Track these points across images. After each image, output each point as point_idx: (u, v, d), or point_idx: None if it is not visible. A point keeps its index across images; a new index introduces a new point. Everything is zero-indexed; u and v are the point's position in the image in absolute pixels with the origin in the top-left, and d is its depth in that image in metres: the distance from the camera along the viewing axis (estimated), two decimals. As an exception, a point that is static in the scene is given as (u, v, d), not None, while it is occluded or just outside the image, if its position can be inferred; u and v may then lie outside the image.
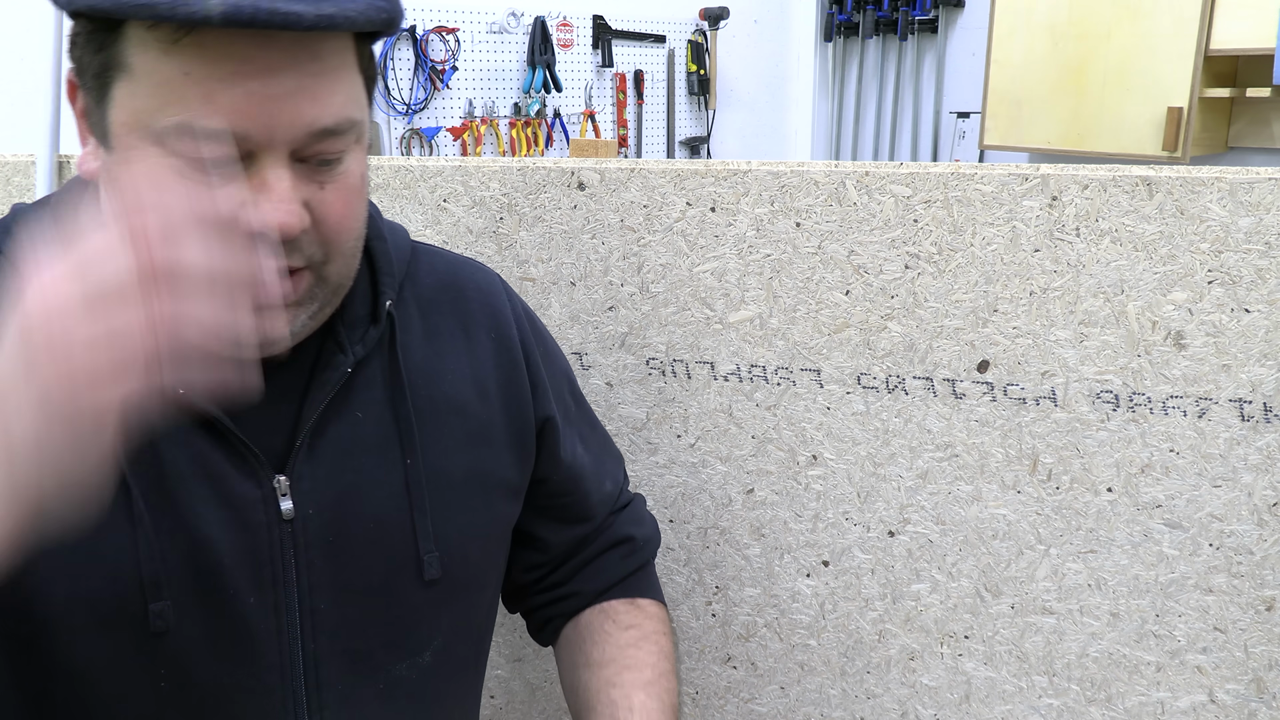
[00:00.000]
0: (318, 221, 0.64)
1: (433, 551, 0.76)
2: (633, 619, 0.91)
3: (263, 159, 0.61)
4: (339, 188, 0.65)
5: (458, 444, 0.79)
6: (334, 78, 0.63)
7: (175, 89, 0.59)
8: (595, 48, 3.97)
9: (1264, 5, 2.92)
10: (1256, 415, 0.88)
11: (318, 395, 0.72)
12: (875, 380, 0.98)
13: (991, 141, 3.62)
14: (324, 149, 0.63)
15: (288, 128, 0.61)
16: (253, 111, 0.59)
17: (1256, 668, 0.92)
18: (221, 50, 0.58)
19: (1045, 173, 0.89)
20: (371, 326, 0.75)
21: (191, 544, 0.68)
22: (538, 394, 0.85)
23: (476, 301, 0.84)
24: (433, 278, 0.82)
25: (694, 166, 0.99)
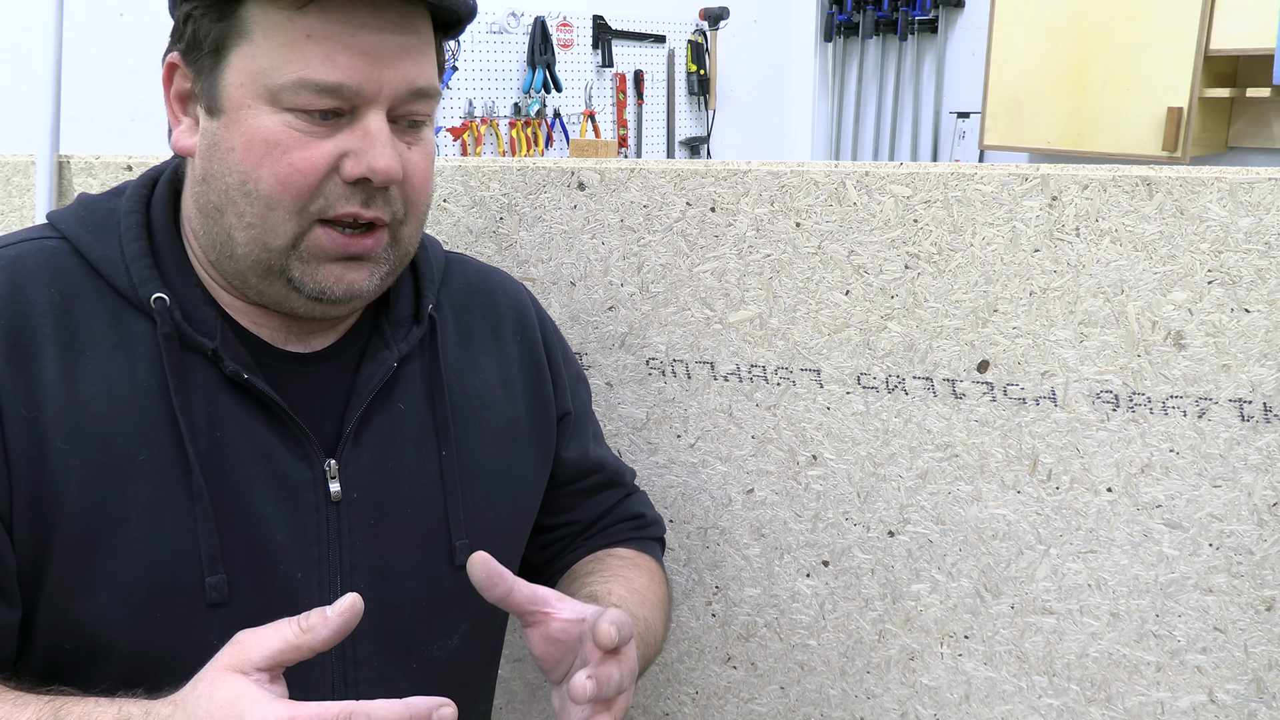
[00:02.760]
0: (405, 177, 0.71)
1: (463, 538, 0.81)
2: (634, 559, 0.92)
3: (365, 113, 0.69)
4: (422, 151, 0.73)
5: (488, 438, 0.84)
6: (426, 49, 0.72)
7: (297, 49, 0.67)
8: (595, 48, 3.97)
9: (1264, 5, 2.92)
10: (1256, 415, 0.88)
11: (365, 387, 0.78)
12: (875, 380, 0.98)
13: (991, 141, 3.62)
14: (415, 110, 0.72)
15: (392, 83, 0.69)
16: (365, 68, 0.68)
17: (1256, 668, 0.92)
18: (340, 16, 0.67)
19: (1045, 173, 0.89)
20: (414, 326, 0.81)
21: (247, 521, 0.72)
22: (558, 392, 0.91)
23: (504, 306, 0.90)
24: (464, 284, 0.88)
25: (694, 166, 0.99)
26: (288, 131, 0.68)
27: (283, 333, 0.76)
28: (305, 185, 0.68)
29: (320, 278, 0.71)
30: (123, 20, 2.78)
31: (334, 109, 0.68)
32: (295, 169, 0.68)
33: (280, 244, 0.69)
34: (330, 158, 0.68)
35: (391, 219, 0.72)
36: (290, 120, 0.68)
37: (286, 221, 0.69)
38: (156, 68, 0.75)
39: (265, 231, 0.69)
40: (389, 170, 0.69)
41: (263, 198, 0.68)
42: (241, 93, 0.68)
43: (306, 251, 0.70)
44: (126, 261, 0.72)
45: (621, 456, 1.09)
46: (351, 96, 0.68)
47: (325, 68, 0.67)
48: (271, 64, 0.67)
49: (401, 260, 0.76)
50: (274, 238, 0.69)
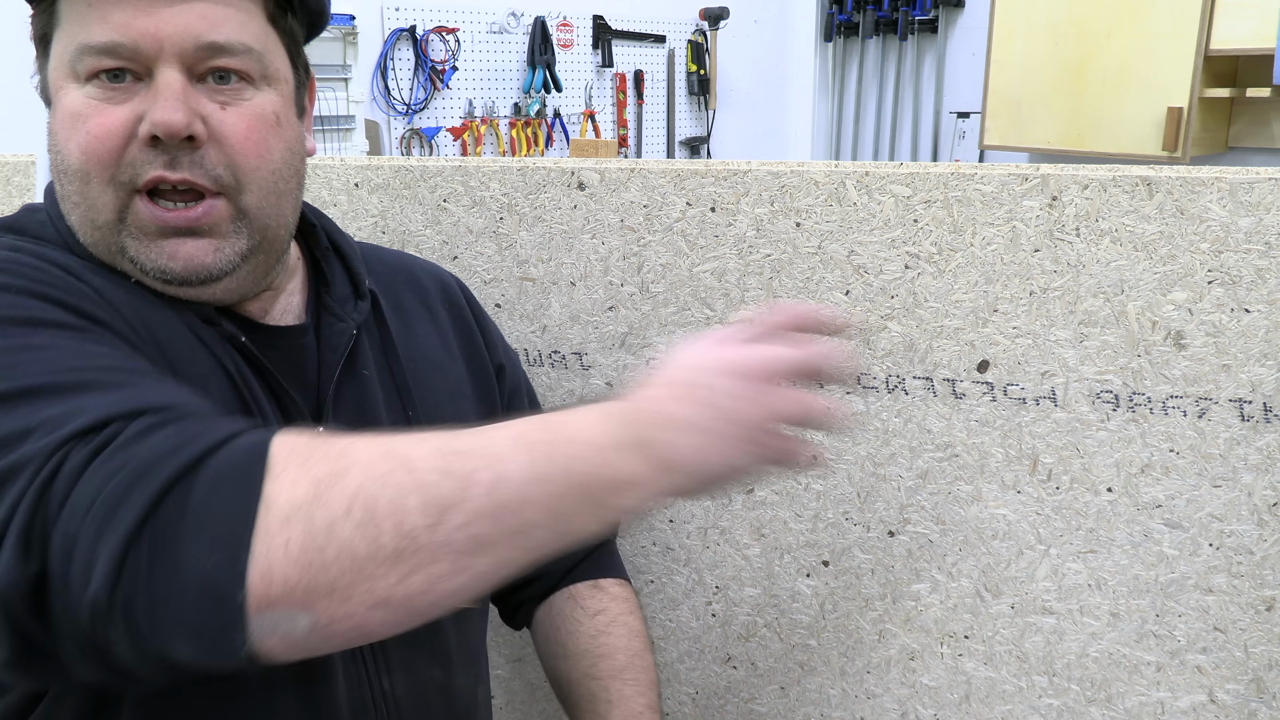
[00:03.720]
0: (218, 138, 0.69)
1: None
2: (599, 603, 0.97)
3: (157, 70, 0.68)
4: (243, 113, 0.70)
5: (443, 397, 0.88)
6: (225, 4, 0.69)
7: (82, 20, 0.67)
8: (595, 48, 3.97)
9: (1264, 5, 2.92)
10: (1256, 415, 0.88)
11: (331, 356, 0.80)
12: (875, 380, 0.98)
13: (991, 141, 3.62)
14: (217, 63, 0.69)
15: (174, 37, 0.67)
16: (139, 23, 0.67)
17: (1256, 668, 0.92)
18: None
19: (1045, 173, 0.89)
20: (358, 302, 0.83)
21: None
22: (490, 344, 0.96)
23: (426, 279, 0.94)
24: (385, 267, 0.91)
25: (694, 166, 0.99)
26: (87, 102, 0.67)
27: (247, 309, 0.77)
28: (106, 152, 0.67)
29: (155, 254, 0.69)
30: (123, 20, 2.78)
31: (122, 69, 0.67)
32: (93, 136, 0.67)
33: (105, 219, 0.68)
34: (126, 121, 0.67)
35: (215, 184, 0.69)
36: (89, 91, 0.68)
37: (102, 193, 0.68)
38: None
39: (88, 209, 0.69)
40: (168, 122, 0.66)
41: (75, 173, 0.68)
42: (56, 77, 0.69)
43: (134, 227, 0.69)
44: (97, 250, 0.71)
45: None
46: (132, 54, 0.67)
47: (100, 29, 0.67)
48: (68, 39, 0.68)
49: (263, 234, 0.73)
50: (96, 213, 0.69)
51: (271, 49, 0.73)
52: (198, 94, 0.69)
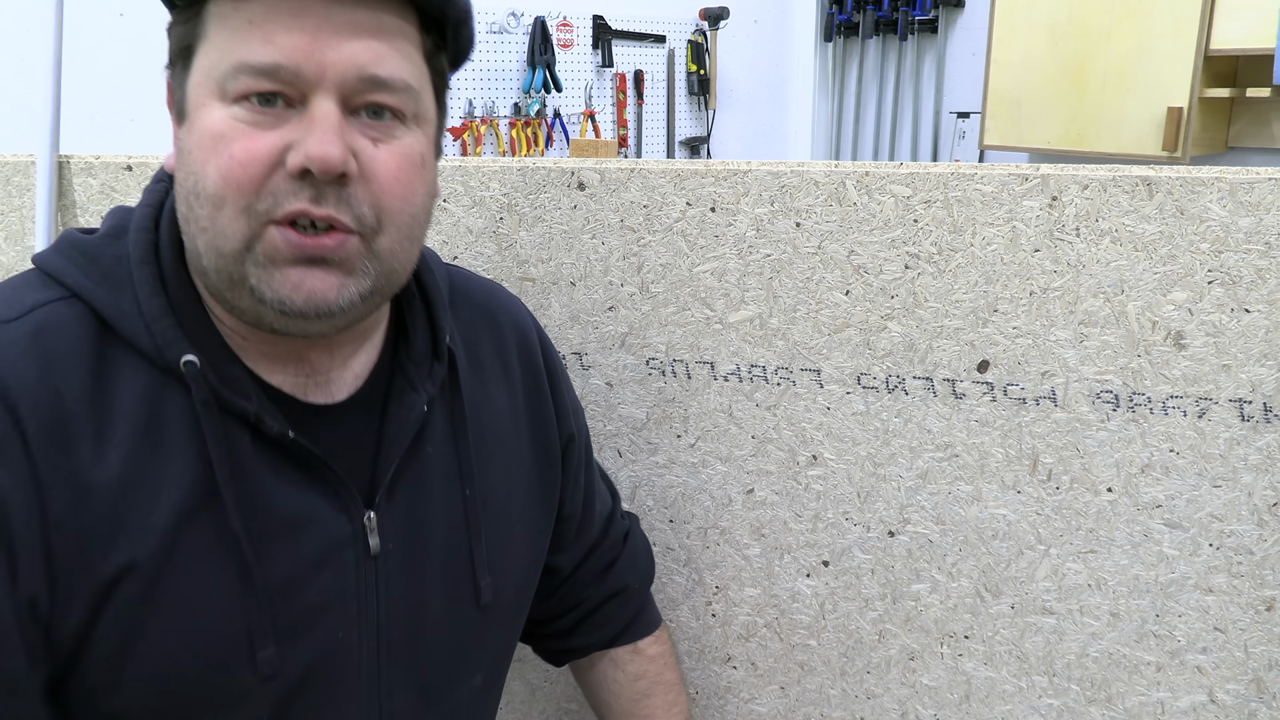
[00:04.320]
0: (368, 176, 0.65)
1: (487, 577, 0.80)
2: (639, 667, 1.00)
3: (313, 98, 0.63)
4: (394, 151, 0.66)
5: (502, 474, 0.83)
6: (390, 38, 0.66)
7: (240, 35, 0.63)
8: (595, 48, 3.97)
9: (1264, 5, 2.92)
10: (1256, 415, 0.88)
11: (398, 434, 0.74)
12: (875, 380, 0.98)
13: (991, 141, 3.62)
14: (375, 99, 0.65)
15: (338, 66, 0.63)
16: (306, 48, 0.62)
17: (1256, 668, 0.92)
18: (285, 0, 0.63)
19: (1045, 173, 0.89)
20: (435, 363, 0.77)
21: (290, 588, 0.69)
22: (561, 417, 0.90)
23: (508, 326, 0.87)
24: (469, 305, 0.85)
25: (694, 166, 0.99)
26: (232, 124, 0.63)
27: (302, 381, 0.72)
28: (247, 179, 0.62)
29: (277, 284, 0.64)
30: (123, 20, 2.78)
31: (276, 93, 0.63)
32: (236, 161, 0.62)
33: (232, 247, 0.63)
34: (274, 149, 0.63)
35: (357, 223, 0.64)
36: (236, 112, 0.63)
37: (234, 221, 0.63)
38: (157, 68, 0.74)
39: (216, 235, 0.63)
40: (327, 157, 0.62)
41: (210, 197, 0.63)
42: (198, 92, 0.65)
43: (262, 255, 0.63)
44: (147, 321, 0.66)
45: (621, 456, 1.09)
46: (292, 79, 0.62)
47: (263, 49, 0.62)
48: (219, 55, 0.63)
49: (387, 278, 0.68)
50: (224, 241, 0.63)
51: (424, 87, 0.69)
52: (350, 127, 0.64)
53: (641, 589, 1.02)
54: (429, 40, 0.70)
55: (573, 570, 0.96)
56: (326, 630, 0.71)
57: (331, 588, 0.71)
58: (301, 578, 0.70)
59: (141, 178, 1.11)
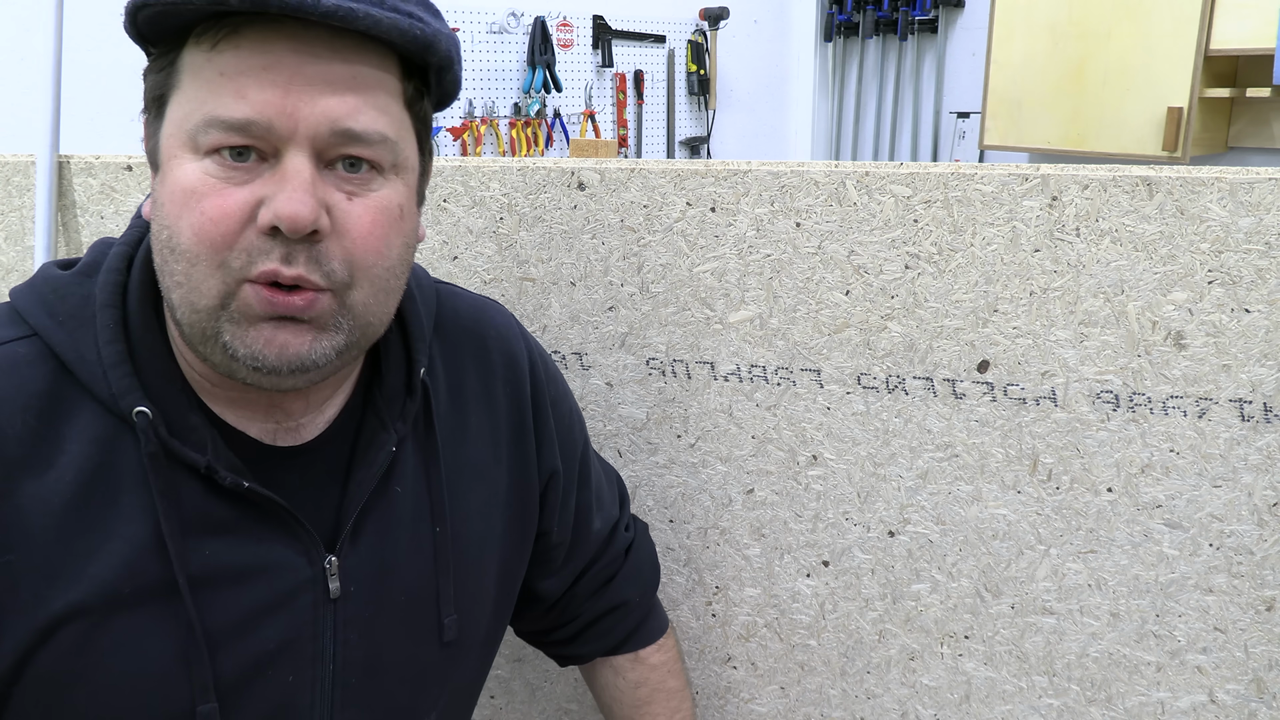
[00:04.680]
0: (340, 232, 0.64)
1: (452, 615, 0.79)
2: (639, 675, 0.99)
3: (285, 153, 0.62)
4: (369, 205, 0.65)
5: (477, 509, 0.81)
6: (365, 90, 0.64)
7: (212, 89, 0.62)
8: (595, 48, 3.97)
9: (1264, 5, 2.92)
10: (1256, 415, 0.88)
11: (364, 475, 0.73)
12: (875, 380, 0.98)
13: (991, 141, 3.62)
14: (350, 152, 0.64)
15: (310, 120, 0.62)
16: (278, 102, 0.61)
17: (1256, 668, 0.92)
18: (255, 49, 0.61)
19: (1045, 173, 0.89)
20: (408, 399, 0.76)
21: (240, 634, 0.69)
22: (544, 449, 0.87)
23: (496, 350, 0.85)
24: (456, 325, 0.83)
25: (694, 166, 0.99)
26: (204, 179, 0.62)
27: (270, 426, 0.71)
28: (219, 236, 0.61)
29: (250, 340, 0.63)
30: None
31: (248, 147, 0.62)
32: (208, 218, 0.61)
33: (207, 304, 0.62)
34: (246, 205, 0.61)
35: (327, 280, 0.63)
36: (208, 167, 0.62)
37: (208, 278, 0.62)
38: None
39: (190, 290, 0.63)
40: (294, 216, 0.60)
41: (184, 253, 0.62)
42: (171, 143, 0.64)
43: (237, 312, 0.63)
44: (105, 367, 0.66)
45: (621, 456, 1.09)
46: (264, 134, 0.61)
47: (234, 102, 0.61)
48: (191, 107, 0.62)
49: (362, 331, 0.67)
50: (199, 297, 0.62)
51: (404, 137, 0.67)
52: (324, 181, 0.63)
53: (643, 601, 1.00)
54: (410, 86, 0.68)
55: (564, 591, 0.95)
56: (279, 674, 0.71)
57: (286, 631, 0.70)
58: (253, 623, 0.69)
59: (142, 178, 1.11)
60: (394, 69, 0.66)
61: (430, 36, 0.65)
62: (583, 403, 1.08)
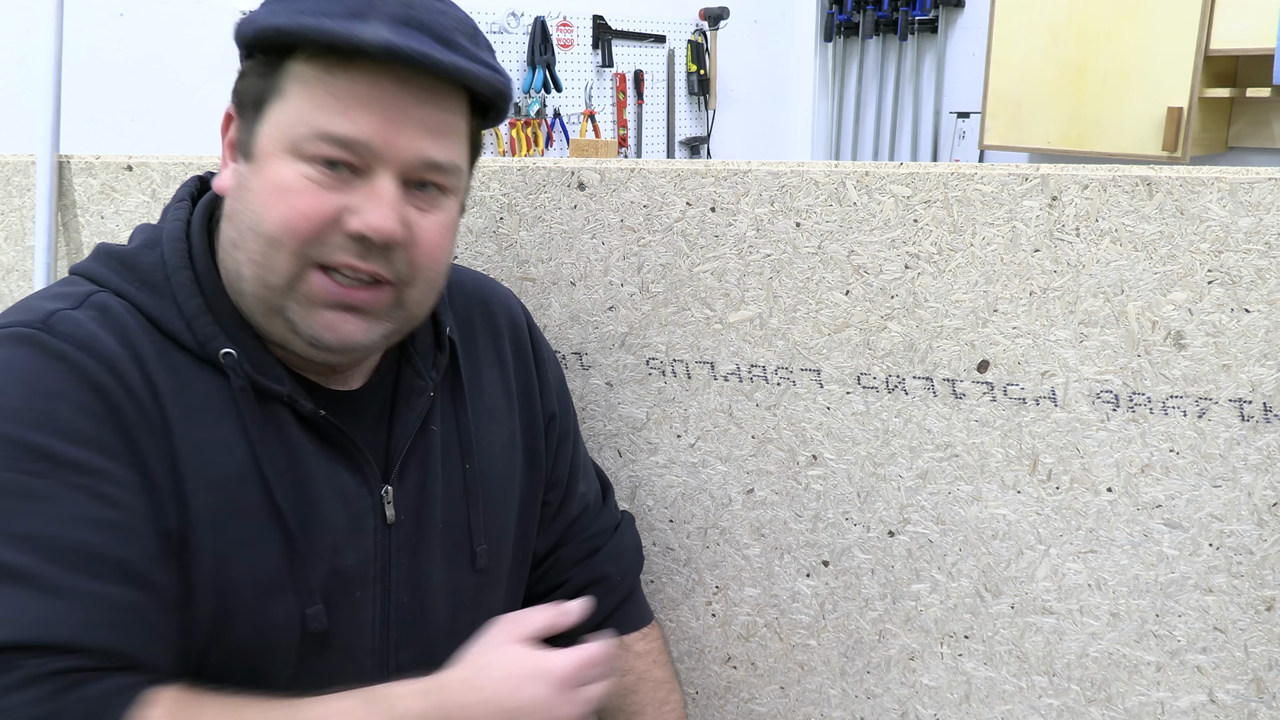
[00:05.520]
0: (412, 241, 0.74)
1: (483, 545, 0.87)
2: (625, 663, 1.02)
3: (377, 172, 0.72)
4: (436, 220, 0.76)
5: (499, 449, 0.91)
6: (450, 128, 0.75)
7: (322, 106, 0.71)
8: (595, 48, 3.97)
9: (1264, 5, 2.92)
10: (1256, 415, 0.88)
11: (409, 416, 0.83)
12: (875, 380, 0.98)
13: (991, 141, 3.62)
14: (429, 178, 0.75)
15: (405, 149, 0.72)
16: (381, 129, 0.71)
17: (1256, 668, 0.92)
18: (368, 80, 0.71)
19: (1045, 173, 0.89)
20: (438, 353, 0.86)
21: (328, 550, 0.78)
22: (545, 394, 0.96)
23: (500, 314, 0.95)
24: (464, 297, 0.93)
25: (694, 166, 0.99)
26: (300, 180, 0.71)
27: (323, 374, 0.80)
28: (307, 230, 0.71)
29: (314, 323, 0.73)
30: (123, 20, 2.78)
31: (346, 162, 0.71)
32: (300, 213, 0.71)
33: (278, 282, 0.72)
34: (335, 209, 0.71)
35: (395, 278, 0.74)
36: (305, 170, 0.71)
37: (286, 262, 0.71)
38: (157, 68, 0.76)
39: (265, 269, 0.72)
40: (385, 230, 0.71)
41: (267, 237, 0.71)
42: (269, 142, 0.72)
43: (304, 294, 0.73)
44: (187, 320, 0.75)
45: (621, 456, 1.09)
46: (363, 153, 0.71)
47: (343, 122, 0.71)
48: (298, 117, 0.72)
49: (407, 323, 0.78)
50: (273, 275, 0.72)
51: (467, 164, 0.79)
52: (403, 199, 0.73)
53: (625, 581, 1.03)
54: (475, 121, 0.79)
55: (550, 551, 0.99)
56: (348, 589, 0.79)
57: (356, 552, 0.79)
58: (335, 542, 0.78)
59: (141, 178, 1.11)
60: (466, 106, 0.77)
61: (504, 85, 0.76)
62: (582, 403, 1.08)
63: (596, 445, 1.09)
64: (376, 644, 0.81)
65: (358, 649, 0.80)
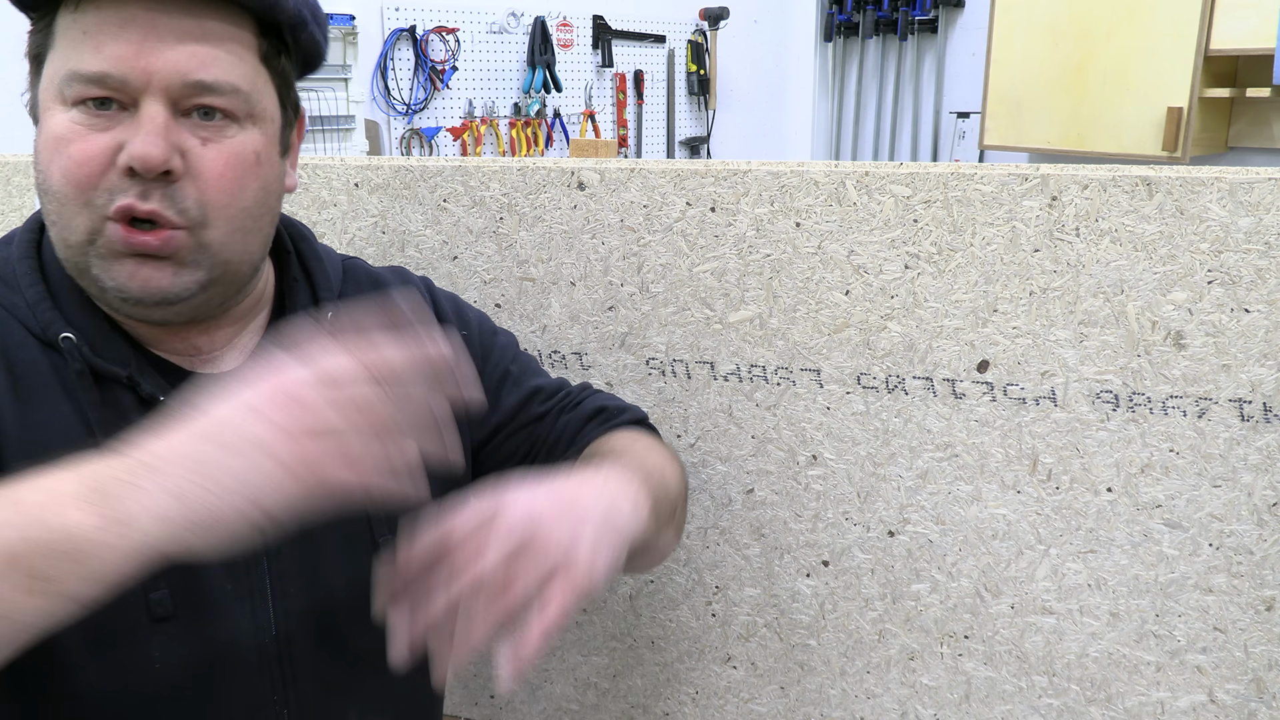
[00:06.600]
0: (194, 174, 0.70)
1: (385, 535, 0.83)
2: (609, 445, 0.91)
3: (142, 102, 0.69)
4: (223, 150, 0.71)
5: None
6: (217, 43, 0.71)
7: (76, 46, 0.69)
8: (595, 48, 3.97)
9: (1264, 5, 2.92)
10: (1256, 415, 0.88)
11: None
12: (875, 380, 0.98)
13: (991, 141, 3.62)
14: (203, 101, 0.70)
15: (163, 72, 0.68)
16: (131, 56, 0.68)
17: (1256, 668, 0.92)
18: (113, 7, 0.68)
19: (1045, 173, 0.89)
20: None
21: None
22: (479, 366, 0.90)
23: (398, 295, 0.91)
24: (358, 289, 0.90)
25: (694, 166, 0.99)
26: (71, 127, 0.69)
27: (189, 357, 0.78)
28: (84, 177, 0.69)
29: (115, 273, 0.70)
30: (123, 20, 2.77)
31: (108, 99, 0.69)
32: (74, 161, 0.69)
33: (76, 239, 0.70)
34: (107, 149, 0.69)
35: (184, 219, 0.70)
36: (74, 116, 0.69)
37: (76, 216, 0.69)
38: None
39: (63, 228, 0.70)
40: (146, 156, 0.67)
41: (55, 194, 0.70)
42: (45, 97, 0.71)
43: (103, 248, 0.70)
44: (30, 306, 0.74)
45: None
46: (120, 85, 0.68)
47: (93, 57, 0.68)
48: (60, 64, 0.69)
49: (223, 268, 0.74)
50: (70, 233, 0.70)
51: (260, 89, 0.74)
52: (180, 128, 0.70)
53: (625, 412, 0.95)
54: (266, 43, 0.74)
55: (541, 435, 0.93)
56: (217, 577, 0.76)
57: None
58: None
59: (141, 178, 1.11)
60: (248, 26, 0.73)
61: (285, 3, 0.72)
62: (583, 403, 1.08)
63: (596, 445, 1.09)
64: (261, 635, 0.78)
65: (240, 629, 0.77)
